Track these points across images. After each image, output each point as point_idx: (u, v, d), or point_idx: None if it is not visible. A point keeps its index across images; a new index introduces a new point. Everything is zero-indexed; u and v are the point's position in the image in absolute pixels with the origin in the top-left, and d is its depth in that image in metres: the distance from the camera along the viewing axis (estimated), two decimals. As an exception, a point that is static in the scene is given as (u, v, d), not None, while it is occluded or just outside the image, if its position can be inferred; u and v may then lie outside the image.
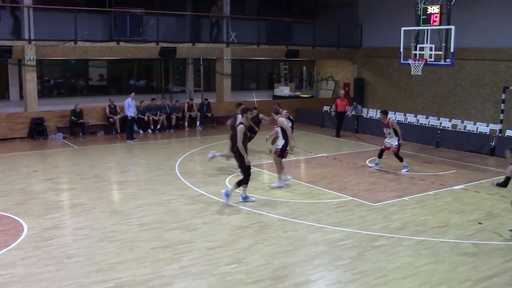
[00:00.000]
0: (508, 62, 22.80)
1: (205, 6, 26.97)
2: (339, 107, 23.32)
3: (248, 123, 12.79)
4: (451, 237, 10.61)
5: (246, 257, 9.28)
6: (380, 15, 28.09)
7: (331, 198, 13.32)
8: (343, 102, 23.43)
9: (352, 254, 9.56)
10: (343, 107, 23.40)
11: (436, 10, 17.67)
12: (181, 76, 28.55)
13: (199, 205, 12.45)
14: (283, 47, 27.53)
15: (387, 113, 16.82)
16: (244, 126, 12.43)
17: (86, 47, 21.96)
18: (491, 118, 23.02)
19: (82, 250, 9.43)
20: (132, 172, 16.02)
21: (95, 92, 25.37)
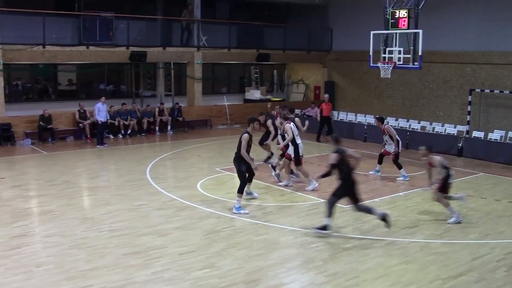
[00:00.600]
0: (473, 65, 23.19)
1: (176, 10, 26.88)
2: (324, 112, 23.14)
3: (253, 132, 12.73)
4: (421, 237, 10.75)
5: (219, 261, 9.28)
6: (350, 19, 28.32)
7: (303, 201, 13.39)
8: (328, 106, 23.25)
9: (324, 256, 9.62)
10: (328, 111, 23.20)
11: (404, 14, 17.89)
12: (151, 80, 28.41)
13: (171, 210, 12.41)
14: (254, 51, 27.58)
15: (383, 120, 16.53)
16: (249, 135, 12.46)
17: (55, 51, 21.70)
18: (459, 120, 23.38)
19: (51, 258, 9.32)
20: (102, 178, 15.89)
21: (65, 97, 25.09)
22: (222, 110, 27.46)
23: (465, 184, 15.58)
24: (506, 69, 22.13)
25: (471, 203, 13.26)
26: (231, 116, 27.58)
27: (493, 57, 22.46)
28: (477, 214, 12.49)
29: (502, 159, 18.74)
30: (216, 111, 27.20)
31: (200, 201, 13.10)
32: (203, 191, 14.05)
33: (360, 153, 18.74)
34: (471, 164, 18.58)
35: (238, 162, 12.57)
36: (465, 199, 12.27)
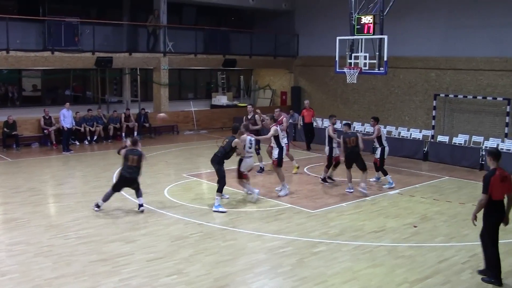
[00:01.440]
0: (438, 70, 23.58)
1: (142, 16, 26.75)
2: (306, 118, 22.26)
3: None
4: (388, 241, 10.86)
5: (187, 268, 9.23)
6: (316, 25, 28.56)
7: (270, 206, 13.41)
8: (309, 113, 22.31)
9: (292, 261, 9.64)
10: (309, 117, 22.30)
11: (370, 20, 18.07)
12: (118, 86, 28.20)
13: (138, 216, 12.31)
14: (221, 57, 27.58)
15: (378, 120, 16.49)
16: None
17: (19, 56, 21.35)
18: (424, 125, 23.72)
19: (16, 267, 9.15)
20: (68, 185, 15.69)
21: (29, 103, 24.73)
22: (189, 116, 27.37)
23: (431, 188, 15.80)
24: (469, 75, 22.56)
25: (437, 207, 13.47)
26: (198, 122, 27.51)
27: (457, 63, 22.88)
28: (442, 217, 12.68)
29: (466, 163, 19.05)
30: (182, 117, 27.10)
31: (168, 207, 13.03)
32: (170, 197, 13.97)
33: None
34: (436, 168, 18.85)
35: (218, 162, 13.13)
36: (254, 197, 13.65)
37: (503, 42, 21.39)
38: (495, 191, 8.59)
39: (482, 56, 22.06)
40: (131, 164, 12.54)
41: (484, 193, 8.66)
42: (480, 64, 22.20)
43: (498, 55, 21.59)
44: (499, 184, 8.58)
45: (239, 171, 13.87)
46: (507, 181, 8.64)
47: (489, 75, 21.98)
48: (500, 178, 8.59)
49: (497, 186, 8.58)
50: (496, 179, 8.59)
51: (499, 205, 8.68)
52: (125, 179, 12.63)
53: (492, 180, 8.59)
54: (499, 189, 8.60)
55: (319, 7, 28.45)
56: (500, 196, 8.63)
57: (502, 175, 8.64)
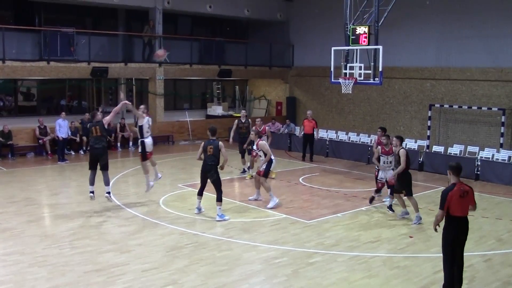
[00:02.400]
0: (432, 80, 23.68)
1: (138, 26, 26.80)
2: (306, 128, 21.86)
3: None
4: (383, 252, 10.85)
5: (182, 278, 9.20)
6: (311, 35, 28.66)
7: (266, 216, 13.39)
8: (311, 124, 21.83)
9: (287, 271, 9.62)
10: (310, 128, 21.77)
11: (365, 31, 18.14)
12: (113, 96, 28.18)
13: (133, 226, 12.28)
14: (216, 67, 27.63)
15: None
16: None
17: (15, 66, 21.37)
18: (419, 135, 23.78)
19: (11, 277, 9.11)
20: (63, 195, 15.65)
21: (25, 113, 24.70)
22: (184, 126, 27.37)
23: (426, 198, 15.80)
24: (464, 85, 22.64)
25: (432, 217, 13.41)
26: (193, 132, 27.52)
27: (452, 73, 22.98)
28: (438, 227, 12.64)
29: (461, 173, 19.02)
30: (178, 127, 27.10)
31: (163, 218, 13.00)
32: (165, 208, 13.95)
33: (323, 168, 19.01)
34: (431, 179, 18.87)
35: (216, 171, 13.12)
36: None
37: (498, 53, 21.51)
38: (453, 206, 8.28)
39: (477, 66, 22.17)
40: (95, 134, 13.26)
41: (440, 209, 8.37)
42: (475, 75, 22.30)
43: (492, 66, 21.70)
44: (458, 199, 8.30)
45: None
46: (467, 196, 8.40)
47: (484, 86, 22.07)
48: (459, 194, 8.32)
49: (455, 202, 8.29)
50: (455, 194, 8.30)
51: (458, 222, 8.39)
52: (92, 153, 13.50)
53: (449, 196, 8.29)
54: (458, 205, 8.31)
55: (314, 17, 28.56)
56: (459, 212, 8.33)
57: (462, 190, 8.38)
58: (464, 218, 8.42)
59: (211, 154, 13.02)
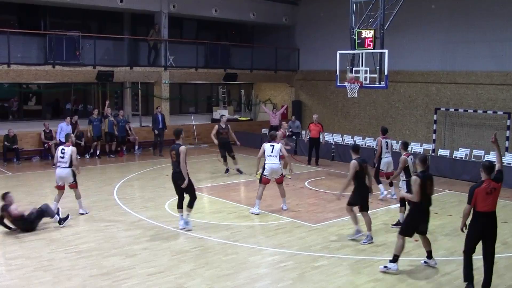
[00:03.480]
0: (438, 84, 23.62)
1: (143, 30, 26.86)
2: (312, 133, 21.61)
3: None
4: (389, 255, 10.77)
5: (187, 282, 9.20)
6: (317, 39, 28.65)
7: (271, 220, 13.38)
8: (317, 128, 21.58)
9: (293, 275, 9.61)
10: (316, 132, 21.52)
11: (370, 35, 18.14)
12: (118, 100, 28.21)
13: (139, 230, 12.28)
14: (221, 71, 27.64)
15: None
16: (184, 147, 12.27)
17: (20, 70, 21.42)
18: (424, 138, 23.72)
19: (16, 281, 9.12)
20: (69, 199, 15.61)
21: (30, 117, 24.73)
22: (190, 130, 27.39)
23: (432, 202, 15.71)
24: (469, 89, 22.59)
25: (438, 221, 13.41)
26: (199, 136, 27.53)
27: (457, 77, 22.93)
28: (443, 231, 12.64)
29: (467, 177, 19.02)
30: (183, 131, 27.07)
31: (168, 221, 13.00)
32: (171, 211, 13.94)
33: (328, 172, 18.99)
34: (437, 182, 18.63)
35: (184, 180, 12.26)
36: None
37: (503, 57, 21.45)
38: (479, 202, 8.73)
39: (482, 70, 22.11)
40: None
41: (467, 204, 8.83)
42: (480, 78, 22.24)
43: (498, 69, 21.64)
44: (484, 196, 8.69)
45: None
46: (494, 193, 8.79)
47: (489, 89, 22.01)
48: (486, 191, 8.72)
49: (482, 198, 8.70)
50: (482, 191, 8.72)
51: (484, 217, 8.76)
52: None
53: (476, 192, 8.73)
54: (484, 201, 8.70)
55: (319, 21, 28.57)
56: (485, 208, 8.70)
57: (489, 187, 8.75)
58: (491, 213, 8.79)
59: (175, 161, 12.19)
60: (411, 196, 9.94)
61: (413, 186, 9.81)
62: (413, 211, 10.04)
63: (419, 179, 9.77)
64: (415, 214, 9.99)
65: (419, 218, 10.12)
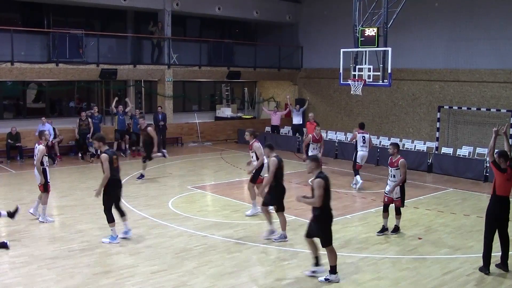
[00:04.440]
0: (441, 82, 23.59)
1: (146, 28, 26.86)
2: (309, 131, 21.19)
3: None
4: (392, 253, 10.82)
5: (191, 280, 9.20)
6: (320, 37, 28.63)
7: (275, 218, 13.34)
8: (312, 126, 20.90)
9: (296, 273, 9.61)
10: (312, 131, 20.71)
11: (374, 33, 18.11)
12: (122, 98, 28.22)
13: (142, 228, 12.29)
14: (225, 69, 27.64)
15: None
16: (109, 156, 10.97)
17: (24, 68, 21.45)
18: (428, 136, 23.69)
19: (20, 279, 9.13)
20: (72, 197, 15.67)
21: (33, 115, 24.75)
22: (193, 128, 27.40)
23: (435, 199, 15.74)
24: (472, 87, 22.55)
25: (441, 219, 13.41)
26: (202, 134, 27.54)
27: (460, 75, 22.89)
28: (447, 229, 12.63)
29: (470, 175, 19.01)
30: (187, 128, 27.13)
31: (172, 219, 13.02)
32: (174, 209, 13.96)
33: (332, 170, 19.01)
34: (440, 180, 18.80)
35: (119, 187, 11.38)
36: None
37: (506, 55, 21.42)
38: (498, 187, 9.55)
39: (486, 68, 22.09)
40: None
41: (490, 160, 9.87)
42: (484, 76, 22.21)
43: (501, 67, 21.60)
44: (505, 182, 9.49)
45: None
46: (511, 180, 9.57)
47: (493, 87, 21.98)
48: (507, 177, 9.50)
49: (502, 183, 9.50)
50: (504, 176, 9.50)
51: (501, 201, 9.55)
52: None
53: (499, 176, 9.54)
54: (504, 187, 9.50)
55: (323, 19, 28.54)
56: (503, 192, 9.51)
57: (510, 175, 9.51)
58: (507, 198, 9.56)
59: (117, 166, 11.25)
60: (312, 201, 9.07)
61: (316, 189, 8.98)
62: (324, 218, 9.22)
63: (323, 181, 9.03)
64: (327, 220, 9.27)
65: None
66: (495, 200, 9.61)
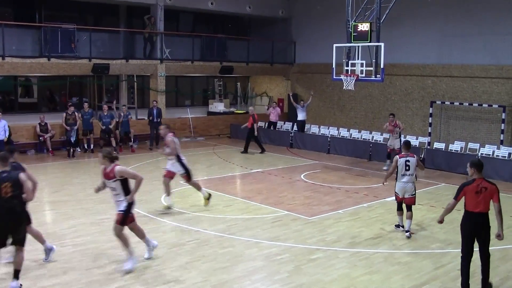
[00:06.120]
0: (434, 77, 23.67)
1: (139, 23, 26.78)
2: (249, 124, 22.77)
3: None
4: (384, 248, 10.86)
5: (184, 275, 9.21)
6: (313, 32, 28.64)
7: (267, 213, 13.40)
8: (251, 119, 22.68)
9: (289, 268, 9.63)
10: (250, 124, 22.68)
11: (367, 28, 18.12)
12: (114, 93, 28.17)
13: (135, 223, 12.26)
14: (218, 64, 27.61)
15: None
16: None
17: (15, 63, 21.33)
18: (420, 131, 23.77)
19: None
20: (64, 192, 15.63)
21: (25, 110, 24.67)
22: (186, 123, 27.36)
23: (427, 194, 15.80)
24: (465, 82, 22.64)
25: (433, 214, 13.46)
26: (195, 129, 27.50)
27: (453, 70, 22.97)
28: (439, 224, 12.64)
29: (462, 170, 18.94)
30: (179, 123, 27.09)
31: (164, 214, 13.01)
32: (167, 204, 13.93)
33: (324, 165, 19.05)
34: (432, 175, 18.86)
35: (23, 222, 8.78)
36: None
37: (498, 50, 21.52)
38: (468, 201, 8.54)
39: (478, 63, 22.18)
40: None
41: (453, 198, 8.68)
42: (476, 72, 22.29)
43: (493, 63, 21.69)
44: (473, 195, 8.47)
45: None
46: (485, 193, 8.47)
47: (485, 83, 22.07)
48: (475, 189, 8.47)
49: (471, 197, 8.50)
50: (471, 189, 8.50)
51: (473, 217, 8.52)
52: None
53: (465, 189, 8.56)
54: (473, 200, 8.48)
55: (316, 14, 28.54)
56: (473, 208, 8.47)
57: (479, 187, 8.49)
58: (480, 215, 8.47)
59: (9, 196, 8.20)
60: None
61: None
62: None
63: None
64: None
65: None
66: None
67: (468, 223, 8.59)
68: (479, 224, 8.54)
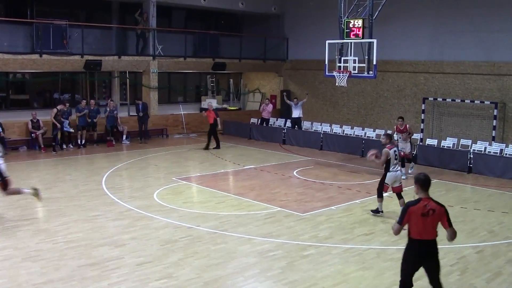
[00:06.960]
0: (426, 74, 23.73)
1: (131, 19, 26.70)
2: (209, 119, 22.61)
3: None
4: (377, 244, 10.89)
5: (177, 272, 9.20)
6: (306, 29, 28.64)
7: (260, 209, 13.40)
8: (211, 114, 22.51)
9: (282, 264, 9.64)
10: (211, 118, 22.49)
11: (359, 24, 18.15)
12: (107, 89, 28.09)
13: (127, 220, 12.26)
14: (210, 60, 27.57)
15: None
16: None
17: (7, 59, 21.22)
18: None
19: (4, 272, 9.07)
20: (57, 188, 15.58)
21: (17, 106, 24.57)
22: (179, 119, 27.33)
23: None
24: (457, 78, 22.70)
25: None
26: (188, 125, 27.48)
27: (445, 67, 23.03)
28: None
29: (454, 166, 19.14)
30: (172, 120, 27.06)
31: (157, 211, 12.99)
32: (159, 201, 13.93)
33: (317, 161, 19.07)
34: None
35: None
36: None
37: (490, 47, 21.58)
38: (412, 226, 7.04)
39: (470, 60, 22.24)
40: None
41: (397, 222, 7.15)
42: (468, 68, 22.36)
43: (485, 60, 21.76)
44: (419, 218, 6.96)
45: None
46: (432, 216, 6.99)
47: (477, 79, 22.14)
48: (421, 211, 6.97)
49: (415, 221, 6.99)
50: (416, 211, 6.99)
51: (418, 245, 7.08)
52: None
53: (410, 211, 7.01)
54: (418, 225, 6.99)
55: (308, 11, 28.54)
56: (418, 235, 7.02)
57: (425, 208, 6.98)
58: (426, 243, 7.05)
59: None
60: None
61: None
62: None
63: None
64: None
65: None
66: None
67: (413, 253, 7.13)
68: (427, 253, 7.13)
